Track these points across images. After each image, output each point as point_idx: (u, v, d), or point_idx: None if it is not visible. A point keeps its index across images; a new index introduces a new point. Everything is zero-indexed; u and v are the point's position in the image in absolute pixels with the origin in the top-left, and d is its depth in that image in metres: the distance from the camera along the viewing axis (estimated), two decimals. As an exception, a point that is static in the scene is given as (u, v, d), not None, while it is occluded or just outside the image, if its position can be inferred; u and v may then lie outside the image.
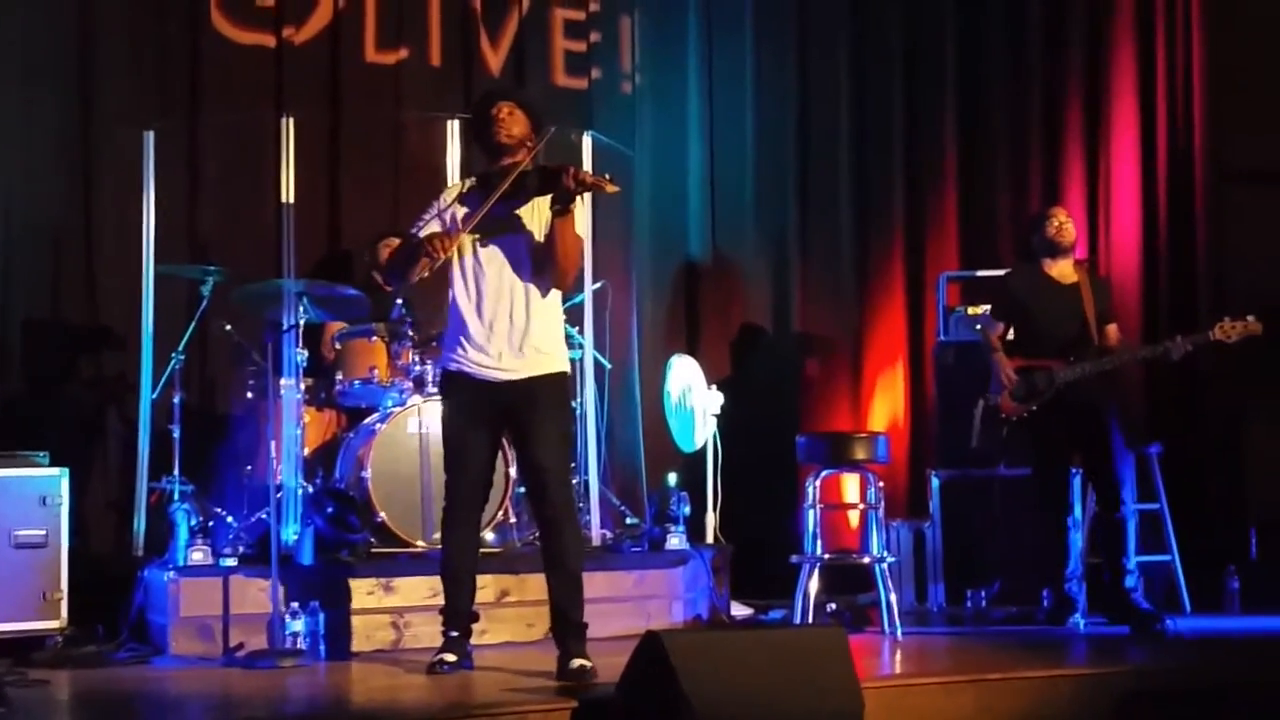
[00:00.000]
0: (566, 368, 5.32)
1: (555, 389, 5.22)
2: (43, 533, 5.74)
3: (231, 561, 5.83)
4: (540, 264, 5.14)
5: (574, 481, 6.54)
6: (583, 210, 5.24)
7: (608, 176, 5.08)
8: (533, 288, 5.16)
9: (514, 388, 5.14)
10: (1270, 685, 5.29)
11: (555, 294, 5.22)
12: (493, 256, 5.16)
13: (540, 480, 5.17)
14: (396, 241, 7.05)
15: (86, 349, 6.91)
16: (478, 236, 5.15)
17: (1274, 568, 7.61)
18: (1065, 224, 6.61)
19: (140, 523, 6.23)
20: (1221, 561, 7.49)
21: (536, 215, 5.18)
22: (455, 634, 5.27)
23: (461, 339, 5.19)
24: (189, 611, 5.68)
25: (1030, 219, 6.95)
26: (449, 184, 5.44)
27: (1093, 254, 8.31)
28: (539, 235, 5.15)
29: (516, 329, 5.15)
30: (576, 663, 5.05)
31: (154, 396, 6.31)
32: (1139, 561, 6.79)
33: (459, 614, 5.29)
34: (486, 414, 5.19)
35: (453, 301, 5.22)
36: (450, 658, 5.21)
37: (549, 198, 5.08)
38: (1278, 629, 6.69)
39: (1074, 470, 6.62)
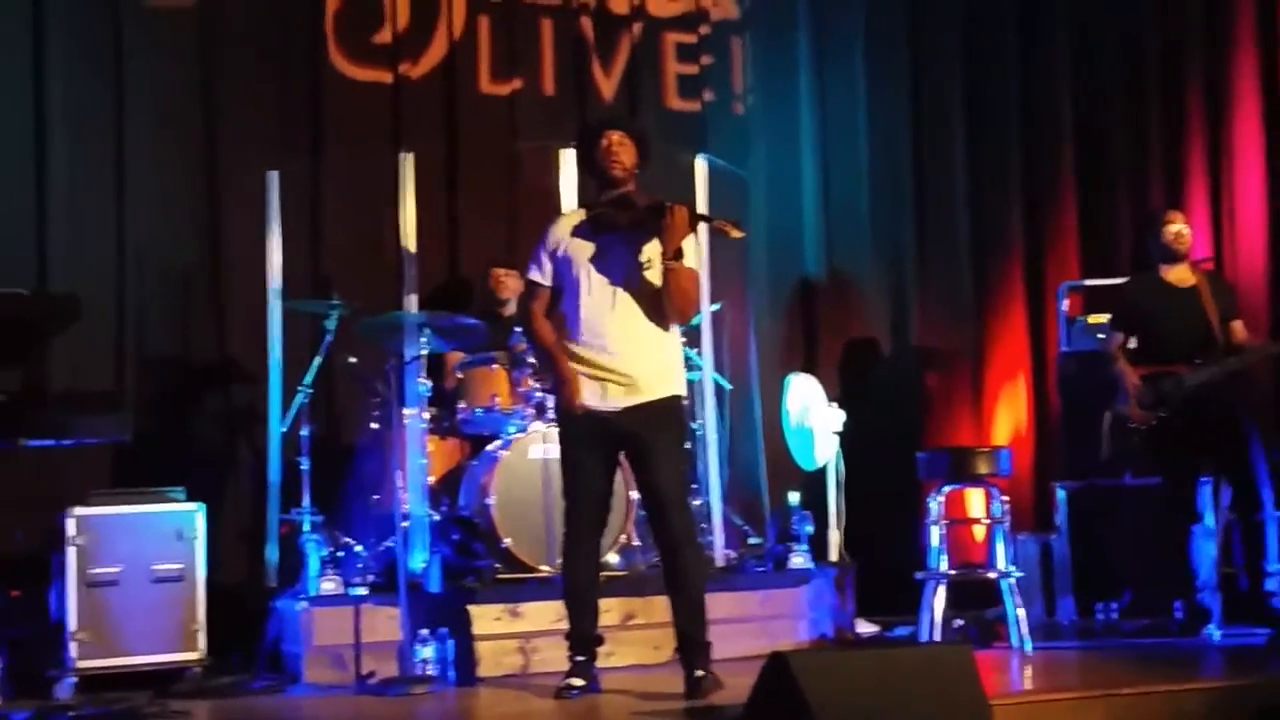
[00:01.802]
0: (682, 391, 5.35)
1: (671, 413, 5.27)
2: (180, 566, 5.87)
3: (362, 590, 5.93)
4: (656, 300, 5.20)
5: (695, 503, 6.61)
6: (694, 245, 5.28)
7: (733, 221, 5.15)
8: (648, 321, 5.21)
9: (630, 414, 5.19)
10: None
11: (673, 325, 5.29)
12: (608, 288, 5.22)
13: (659, 503, 5.20)
14: (503, 273, 7.18)
15: (217, 385, 7.07)
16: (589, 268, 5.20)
17: None
18: (1182, 231, 6.52)
19: (273, 554, 6.35)
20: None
21: (653, 248, 5.21)
22: (581, 659, 5.31)
23: (586, 358, 5.23)
24: (321, 640, 5.79)
25: (1146, 222, 6.86)
26: (561, 212, 5.49)
27: (1218, 257, 8.16)
28: (656, 268, 5.18)
29: (631, 362, 5.20)
30: (699, 672, 5.09)
31: (283, 429, 6.43)
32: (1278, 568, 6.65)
33: (584, 639, 5.34)
34: (602, 440, 5.25)
35: (569, 332, 5.29)
36: (578, 682, 5.26)
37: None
38: None
39: (1204, 478, 6.51)
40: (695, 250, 5.37)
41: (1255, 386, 7.29)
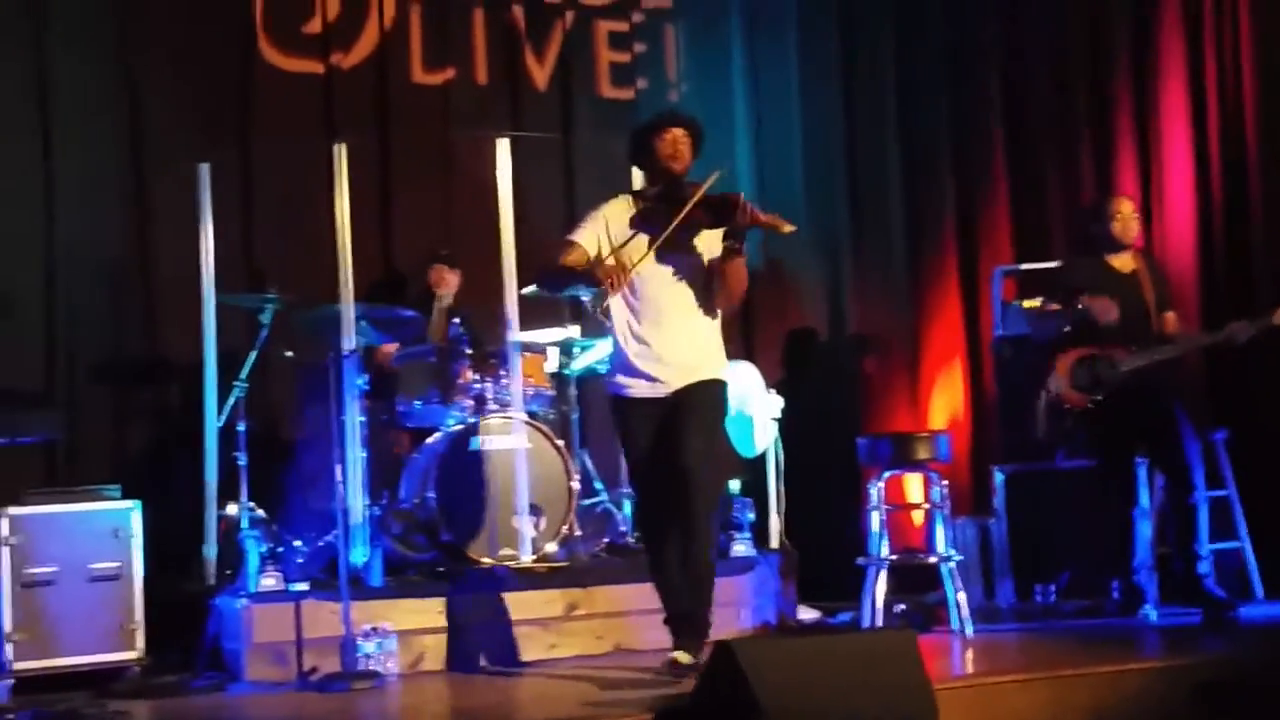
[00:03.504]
0: (723, 376, 5.40)
1: (711, 394, 5.33)
2: (117, 565, 5.81)
3: (302, 586, 5.89)
4: (706, 290, 5.29)
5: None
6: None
7: (783, 216, 5.22)
8: (698, 308, 5.30)
9: (676, 395, 5.27)
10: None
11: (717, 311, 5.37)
12: (662, 278, 5.28)
13: (681, 478, 5.15)
14: (441, 268, 7.16)
15: (150, 380, 7.00)
16: (646, 259, 5.24)
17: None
18: (1130, 220, 6.56)
19: (211, 551, 6.29)
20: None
21: (704, 241, 5.30)
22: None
23: (628, 361, 5.30)
24: (262, 637, 5.73)
25: (1089, 209, 6.89)
26: (611, 200, 5.46)
27: (1148, 242, 8.24)
28: (706, 260, 5.28)
29: (681, 348, 5.28)
30: (672, 654, 5.15)
31: (219, 425, 6.37)
32: (1210, 549, 6.73)
33: (679, 617, 5.30)
34: (656, 423, 5.28)
35: (618, 322, 5.32)
36: (684, 659, 5.17)
37: (720, 231, 5.19)
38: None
39: (1139, 460, 6.58)
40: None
41: (1187, 370, 7.38)
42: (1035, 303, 7.51)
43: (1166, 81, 8.43)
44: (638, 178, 5.60)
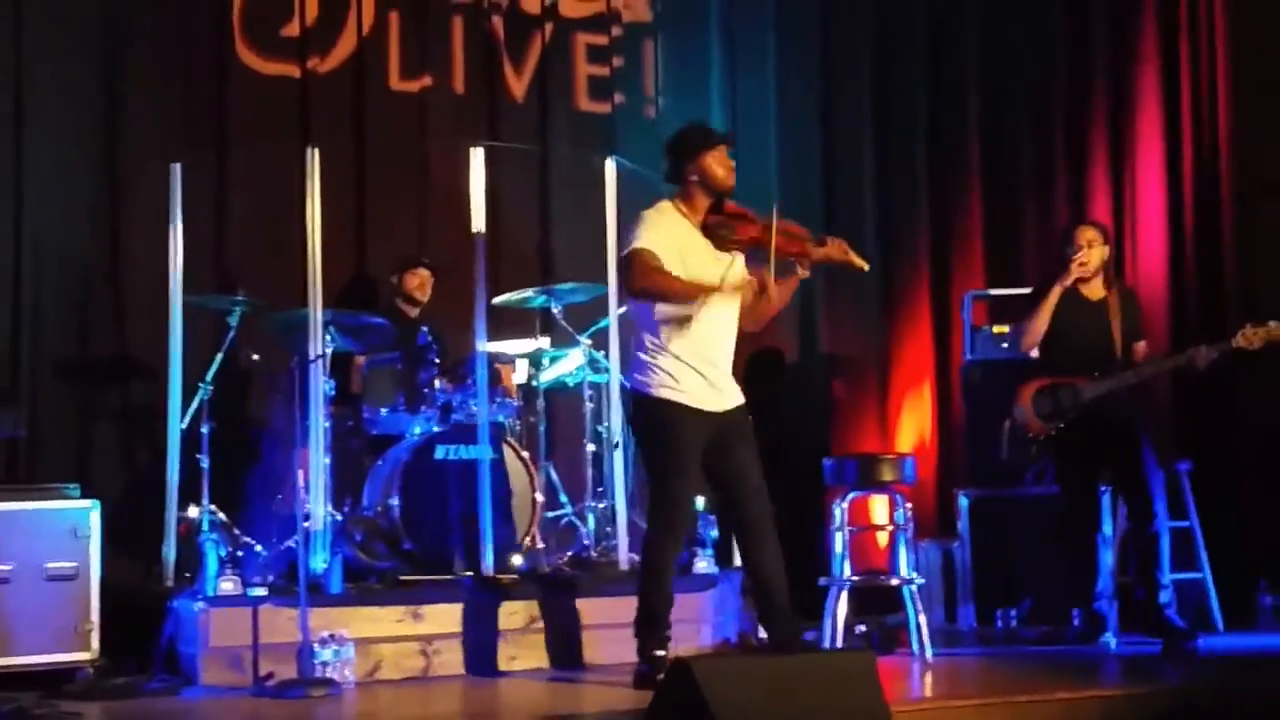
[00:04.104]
0: None
1: (748, 416, 5.53)
2: (74, 565, 5.76)
3: (261, 591, 5.85)
4: (742, 312, 5.44)
5: (600, 505, 6.63)
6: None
7: (862, 254, 5.47)
8: (736, 330, 5.48)
9: (725, 417, 5.40)
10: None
11: None
12: (729, 298, 5.38)
13: (748, 488, 5.43)
14: (425, 273, 7.15)
15: (116, 381, 6.95)
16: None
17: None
18: (1086, 251, 6.50)
19: (170, 553, 6.25)
20: (1254, 579, 7.45)
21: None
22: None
23: (692, 370, 5.34)
24: (219, 641, 5.68)
25: (1062, 235, 6.87)
26: (655, 210, 5.42)
27: (1119, 269, 8.27)
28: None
29: (727, 364, 5.42)
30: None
31: (183, 427, 6.33)
32: (1171, 579, 6.75)
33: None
34: (704, 441, 5.36)
35: (685, 331, 5.33)
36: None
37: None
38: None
39: (1102, 488, 6.59)
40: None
41: (1152, 402, 7.40)
42: (1005, 328, 7.56)
43: (1142, 109, 8.48)
44: (676, 195, 5.47)
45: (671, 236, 5.33)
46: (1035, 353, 6.66)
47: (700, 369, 5.35)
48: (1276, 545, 7.78)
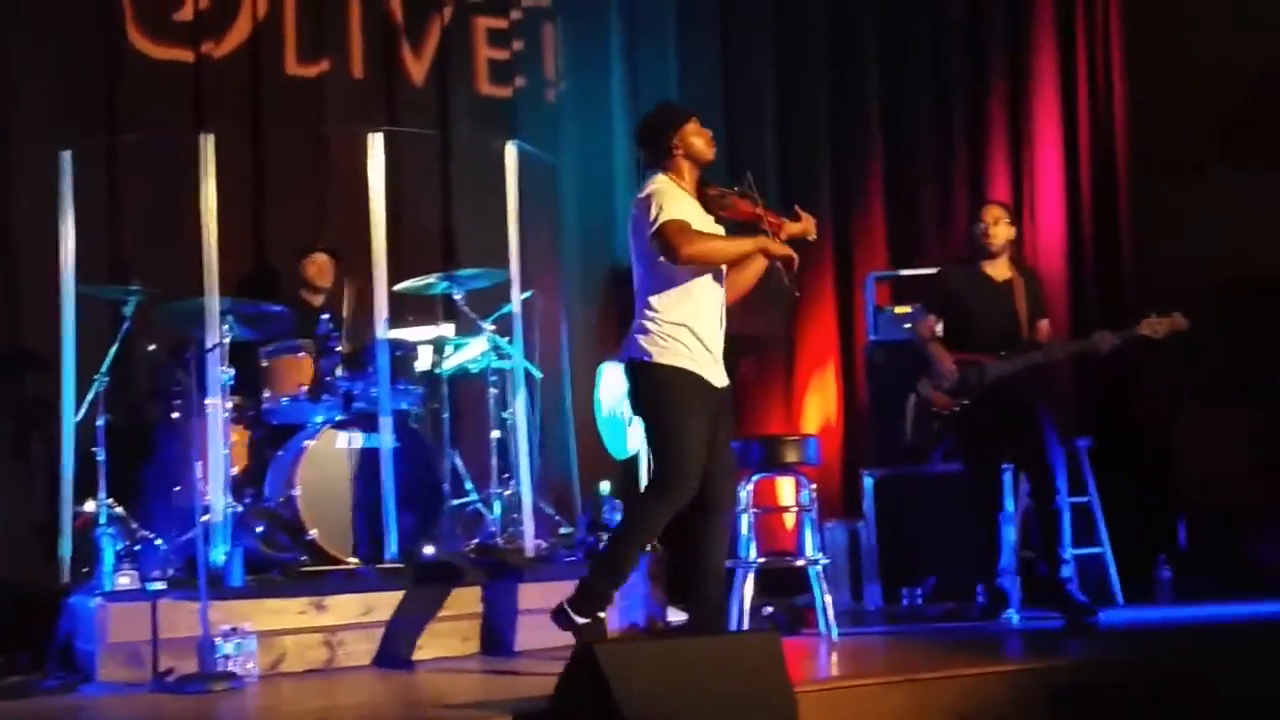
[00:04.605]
0: None
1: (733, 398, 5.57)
2: (-35, 562, 5.66)
3: (159, 585, 5.75)
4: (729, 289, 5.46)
5: (507, 493, 6.60)
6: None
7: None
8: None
9: (720, 393, 5.40)
10: (1202, 674, 5.33)
11: None
12: (722, 273, 5.40)
13: (724, 469, 5.41)
14: (323, 259, 7.07)
15: (8, 373, 6.80)
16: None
17: (1203, 557, 7.71)
18: (993, 229, 6.61)
19: (66, 548, 6.13)
20: (1152, 552, 7.56)
21: None
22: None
23: (698, 341, 5.32)
24: (117, 637, 5.58)
25: (972, 215, 6.94)
26: (660, 182, 5.34)
27: (1019, 250, 8.35)
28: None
29: (721, 340, 5.45)
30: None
31: (77, 419, 6.21)
32: (1072, 554, 6.83)
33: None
34: (707, 417, 5.32)
35: (690, 303, 5.31)
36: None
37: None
38: (1208, 617, 6.75)
39: (1005, 466, 6.66)
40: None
41: (1054, 379, 7.49)
42: (908, 308, 7.61)
43: (1039, 90, 8.58)
44: (670, 172, 5.40)
45: (687, 205, 5.31)
46: (940, 328, 6.70)
47: (706, 341, 5.34)
48: (1174, 520, 7.91)
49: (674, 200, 5.27)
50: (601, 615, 5.35)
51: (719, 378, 5.40)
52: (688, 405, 5.27)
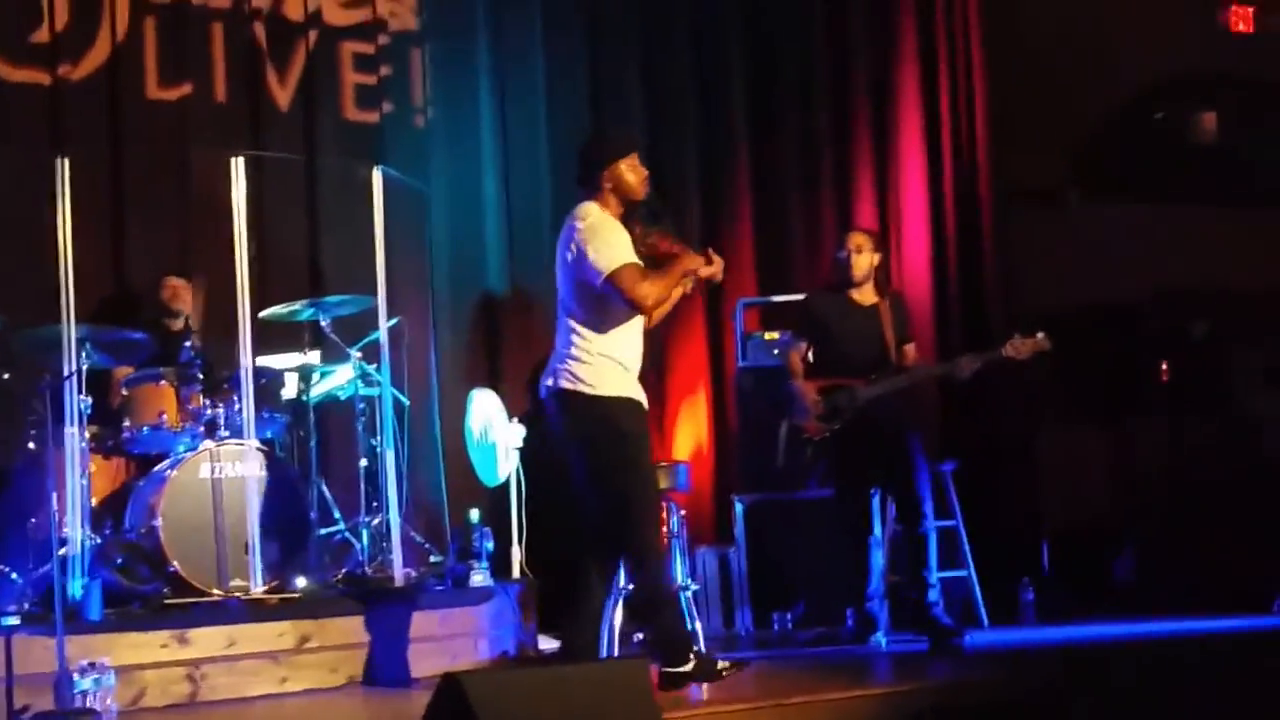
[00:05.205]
0: None
1: None
2: None
3: (14, 620, 5.59)
4: None
5: (376, 520, 6.52)
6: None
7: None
8: None
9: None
10: (1065, 694, 5.42)
11: None
12: None
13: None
14: (179, 283, 6.95)
15: None
16: None
17: (1066, 579, 7.84)
18: (855, 256, 6.66)
19: (-84, 584, 5.95)
20: (1016, 575, 7.68)
21: None
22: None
23: (626, 370, 5.29)
24: (-31, 674, 5.43)
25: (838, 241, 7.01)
26: (601, 217, 5.33)
27: (885, 275, 8.45)
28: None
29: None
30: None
31: (-71, 450, 6.04)
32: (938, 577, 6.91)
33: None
34: None
35: (620, 333, 5.28)
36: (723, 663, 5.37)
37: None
38: (1071, 639, 6.87)
39: (874, 490, 6.71)
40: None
41: (922, 403, 7.58)
42: (776, 334, 7.66)
43: (903, 116, 8.72)
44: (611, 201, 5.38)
45: (625, 239, 5.26)
46: (811, 356, 6.75)
47: (633, 369, 5.31)
48: (1037, 542, 8.05)
49: (622, 236, 5.25)
50: (698, 649, 5.41)
51: (646, 402, 5.42)
52: (640, 430, 5.30)
